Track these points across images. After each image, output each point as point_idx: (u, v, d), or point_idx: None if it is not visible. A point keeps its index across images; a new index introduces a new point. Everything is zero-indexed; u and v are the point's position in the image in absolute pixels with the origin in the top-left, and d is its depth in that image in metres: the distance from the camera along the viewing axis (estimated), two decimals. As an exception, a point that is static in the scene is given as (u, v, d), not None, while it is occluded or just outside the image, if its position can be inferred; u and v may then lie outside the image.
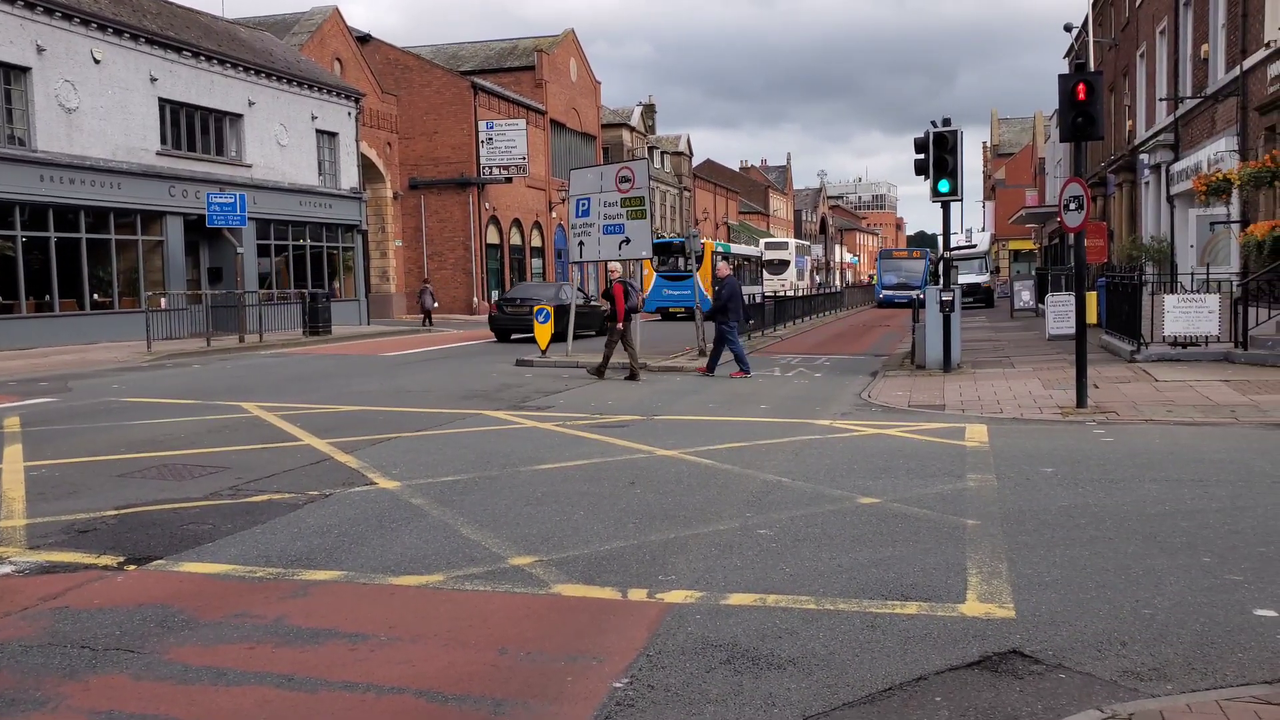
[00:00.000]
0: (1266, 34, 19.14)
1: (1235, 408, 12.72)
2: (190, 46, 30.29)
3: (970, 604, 5.64)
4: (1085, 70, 13.44)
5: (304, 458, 10.31)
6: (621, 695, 4.52)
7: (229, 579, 6.30)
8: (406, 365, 21.63)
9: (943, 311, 18.25)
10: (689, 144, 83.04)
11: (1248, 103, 20.38)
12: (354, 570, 6.41)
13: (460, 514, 7.80)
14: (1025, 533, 7.09)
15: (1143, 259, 26.61)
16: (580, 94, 59.59)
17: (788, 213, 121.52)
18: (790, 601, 5.72)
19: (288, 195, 34.40)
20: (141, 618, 5.58)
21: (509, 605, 5.75)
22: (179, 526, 7.53)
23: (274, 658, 5.01)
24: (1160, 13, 28.09)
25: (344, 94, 37.60)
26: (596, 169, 22.86)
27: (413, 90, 47.52)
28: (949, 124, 17.96)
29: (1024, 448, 10.55)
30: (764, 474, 9.26)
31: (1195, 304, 17.68)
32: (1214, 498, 8.08)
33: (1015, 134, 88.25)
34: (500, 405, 14.50)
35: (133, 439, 11.59)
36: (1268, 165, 17.78)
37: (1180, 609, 5.50)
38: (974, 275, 52.35)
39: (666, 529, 7.31)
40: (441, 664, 4.89)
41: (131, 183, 28.17)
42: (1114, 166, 34.53)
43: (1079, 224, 13.17)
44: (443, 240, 47.75)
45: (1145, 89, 30.89)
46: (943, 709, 4.36)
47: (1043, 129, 66.07)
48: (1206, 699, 4.30)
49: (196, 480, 9.19)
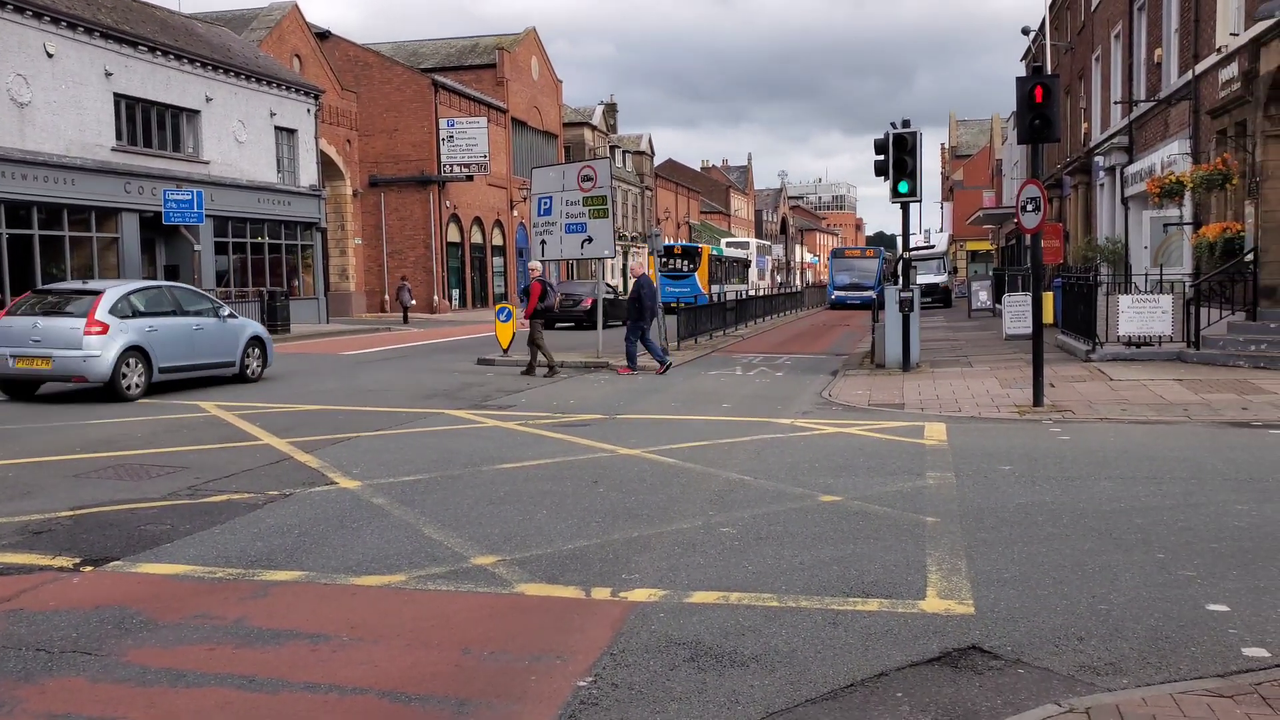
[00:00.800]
0: (1218, 39, 19.47)
1: (1188, 406, 12.94)
2: (146, 41, 29.88)
3: (930, 601, 5.70)
4: (1042, 73, 13.61)
5: (263, 457, 10.22)
6: (585, 694, 4.53)
7: (188, 580, 6.23)
8: (367, 364, 21.49)
9: (902, 311, 18.41)
10: (651, 144, 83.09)
11: (1200, 106, 20.73)
12: (315, 570, 6.37)
13: (422, 513, 7.77)
14: (984, 530, 7.18)
15: (1098, 260, 26.98)
16: (542, 92, 59.45)
17: (749, 213, 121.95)
18: (753, 599, 5.76)
19: (246, 192, 34.04)
20: (99, 619, 5.51)
21: (472, 605, 5.74)
22: (136, 527, 7.44)
23: (235, 659, 4.96)
24: (1115, 17, 28.49)
25: (303, 90, 37.27)
26: (559, 168, 22.83)
27: (373, 87, 47.18)
28: (908, 125, 18.12)
29: (982, 446, 10.67)
30: (726, 472, 9.30)
31: (1149, 304, 17.96)
32: (1167, 495, 8.22)
33: (973, 136, 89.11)
34: (462, 404, 14.44)
35: (88, 439, 11.43)
36: (1219, 168, 18.12)
37: (1135, 604, 5.60)
38: (932, 275, 51.54)
39: (630, 528, 7.32)
40: (404, 664, 4.88)
41: (86, 179, 27.74)
42: (1070, 168, 34.98)
43: (1036, 225, 13.32)
44: (403, 238, 47.46)
45: (1100, 92, 31.32)
46: (904, 705, 4.41)
47: (1000, 131, 66.69)
48: (1161, 692, 4.38)
49: (154, 480, 9.09)
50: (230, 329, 17.26)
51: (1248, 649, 4.95)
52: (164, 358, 15.65)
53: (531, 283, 19.28)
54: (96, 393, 15.08)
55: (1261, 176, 16.91)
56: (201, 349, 16.52)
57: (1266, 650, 4.92)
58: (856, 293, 52.07)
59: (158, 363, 15.51)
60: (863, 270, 54.93)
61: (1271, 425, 11.58)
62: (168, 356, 15.75)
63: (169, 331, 15.88)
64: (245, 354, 17.43)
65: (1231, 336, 17.09)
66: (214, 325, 16.92)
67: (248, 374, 17.46)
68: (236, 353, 17.24)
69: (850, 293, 52.82)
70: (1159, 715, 4.12)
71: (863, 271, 54.78)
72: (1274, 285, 16.89)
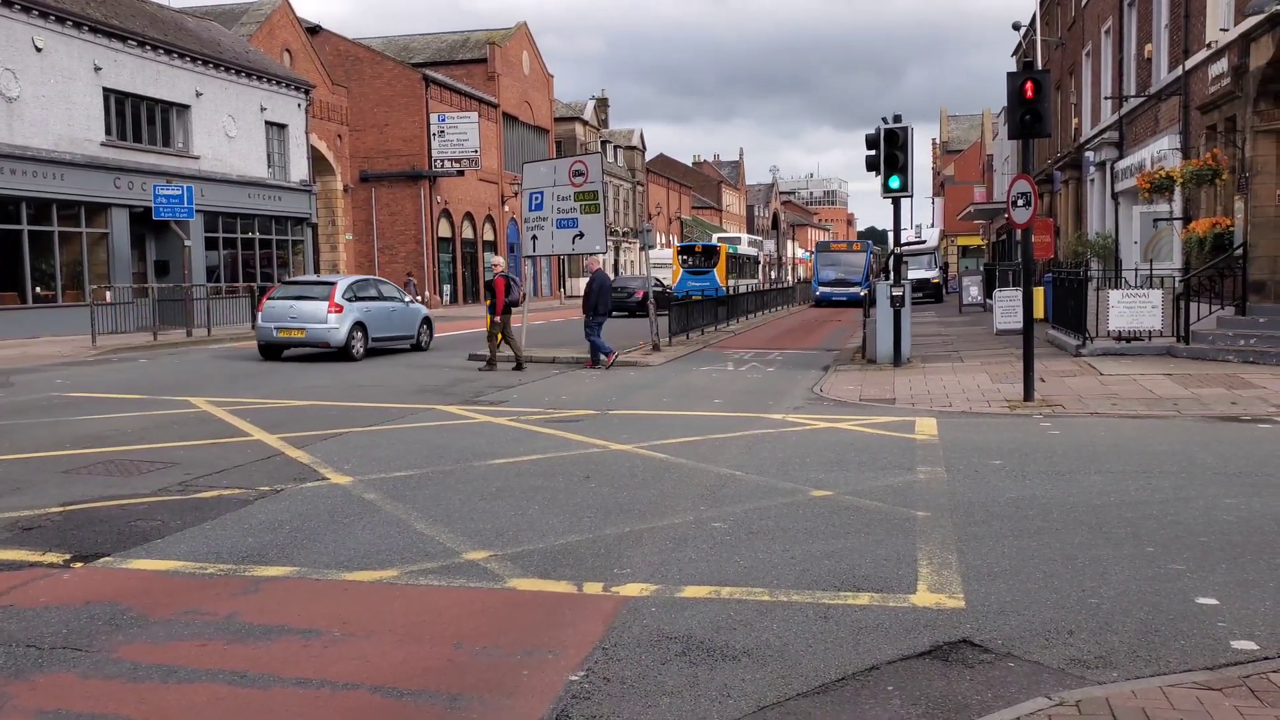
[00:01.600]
0: (1208, 35, 19.53)
1: (1178, 401, 12.99)
2: (136, 35, 29.76)
3: (921, 594, 5.72)
4: (1033, 69, 13.64)
5: (254, 453, 10.20)
6: (577, 688, 4.53)
7: (179, 576, 6.22)
8: (358, 360, 21.42)
9: (893, 307, 18.44)
10: (642, 139, 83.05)
11: (1190, 102, 20.78)
12: (307, 566, 6.37)
13: (414, 509, 7.77)
14: (974, 524, 7.20)
15: (1088, 255, 27.03)
16: (533, 87, 59.37)
17: (740, 208, 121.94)
18: (744, 593, 5.77)
19: (236, 187, 33.94)
20: (89, 616, 5.50)
21: (464, 600, 5.74)
22: (127, 523, 7.42)
23: (226, 655, 4.96)
24: (1105, 13, 28.54)
25: (293, 85, 37.16)
26: (550, 163, 22.81)
27: (363, 82, 47.07)
28: (900, 121, 18.14)
29: (973, 441, 10.70)
30: (718, 468, 9.31)
31: (1139, 299, 18.02)
32: (1157, 489, 8.25)
33: (964, 131, 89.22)
34: (454, 400, 14.43)
35: (78, 434, 11.40)
36: (1209, 164, 18.17)
37: (1125, 598, 5.62)
38: (923, 271, 51.19)
39: (621, 523, 7.33)
40: (396, 660, 4.88)
41: (75, 174, 27.64)
42: (1060, 164, 35.05)
43: (1027, 220, 13.36)
44: (394, 234, 47.39)
45: (1091, 87, 31.38)
46: (894, 698, 4.42)
47: (991, 126, 66.80)
48: (1150, 685, 4.40)
49: (144, 476, 9.06)
50: (412, 311, 23.04)
51: (1236, 642, 4.98)
52: (375, 330, 21.22)
53: (495, 278, 19.48)
54: (328, 356, 20.61)
55: (1251, 172, 16.97)
56: (396, 325, 22.19)
57: (1255, 643, 4.95)
58: (842, 289, 49.38)
59: (371, 334, 21.07)
60: (849, 265, 51.99)
61: (1261, 419, 11.63)
62: (377, 329, 21.35)
63: (377, 311, 21.46)
64: (419, 330, 23.10)
65: (1221, 331, 17.16)
66: (402, 308, 22.60)
67: (421, 345, 23.05)
68: (415, 328, 22.88)
69: (836, 289, 50.01)
70: (1148, 708, 4.14)
71: (849, 266, 51.72)
72: (1263, 280, 16.95)
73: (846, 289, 49.01)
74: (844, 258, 53.23)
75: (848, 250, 55.42)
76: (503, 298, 19.04)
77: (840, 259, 53.08)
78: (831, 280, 50.71)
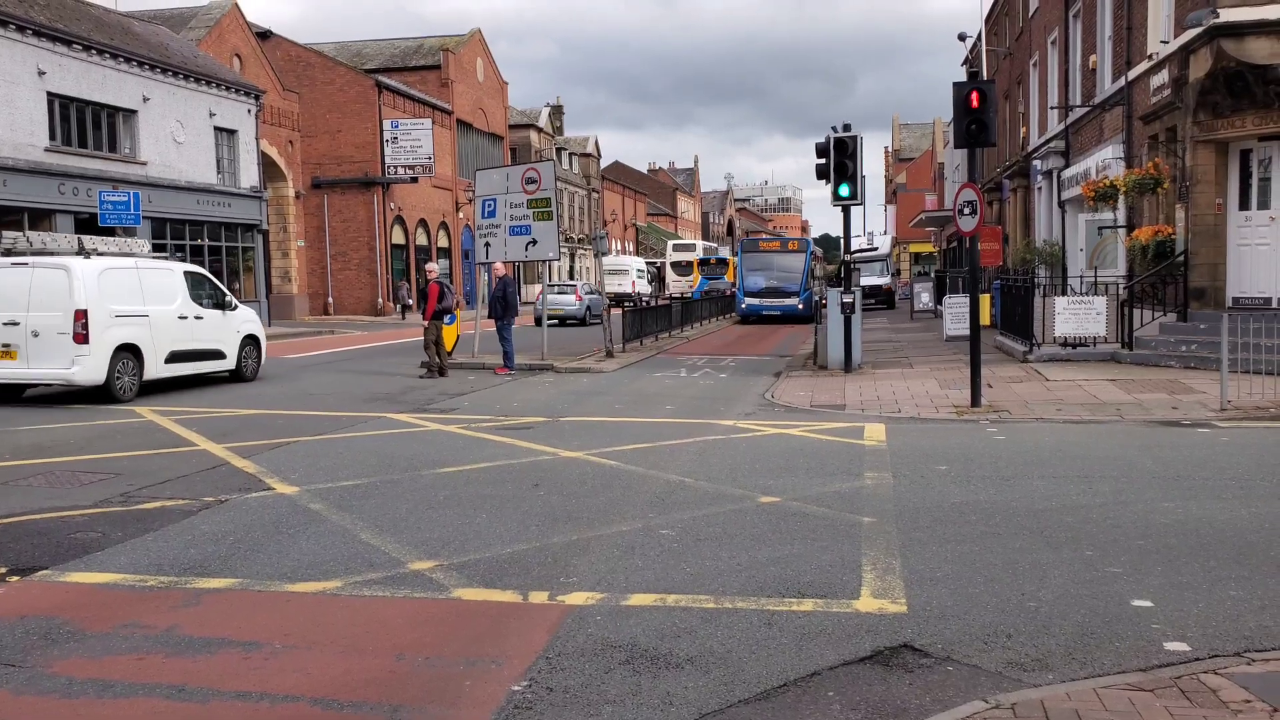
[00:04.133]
0: (1149, 46, 19.90)
1: (1120, 406, 13.21)
2: (81, 39, 29.29)
3: (864, 600, 5.77)
4: (978, 79, 13.83)
5: (199, 463, 10.07)
6: (520, 698, 4.53)
7: (118, 588, 6.13)
8: (308, 368, 21.26)
9: (844, 313, 18.59)
10: (597, 145, 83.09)
11: (1133, 112, 21.16)
12: (249, 578, 6.30)
13: (360, 519, 7.71)
14: (919, 529, 7.28)
15: (1036, 262, 27.44)
16: (487, 94, 59.20)
17: (695, 215, 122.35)
18: (690, 601, 5.79)
19: (185, 194, 33.49)
20: (24, 630, 5.40)
21: (408, 610, 5.71)
22: (66, 535, 7.30)
23: (164, 668, 4.90)
24: (1051, 24, 28.99)
25: (243, 91, 36.75)
26: (503, 170, 22.76)
27: (315, 88, 46.67)
28: (849, 129, 18.31)
29: (920, 446, 10.81)
30: (668, 474, 9.34)
31: (1084, 306, 18.32)
32: (1098, 493, 8.39)
33: (916, 139, 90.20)
34: (404, 408, 14.34)
35: (17, 445, 11.20)
36: (1151, 173, 18.52)
37: (1063, 601, 5.71)
38: (875, 277, 51.01)
39: (569, 531, 7.33)
40: (337, 671, 4.84)
41: (18, 180, 27.12)
42: (1009, 172, 35.53)
43: (973, 228, 13.54)
44: (346, 240, 47.00)
45: (1039, 97, 31.85)
46: (834, 703, 4.46)
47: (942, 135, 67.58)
48: (1085, 687, 4.47)
49: (85, 487, 8.92)
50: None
51: (1169, 643, 5.07)
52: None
53: (430, 284, 19.68)
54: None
55: (1191, 181, 17.31)
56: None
57: (1187, 644, 5.05)
58: (776, 301, 39.65)
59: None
60: (784, 270, 40.96)
61: (1200, 424, 11.86)
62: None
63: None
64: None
65: (1163, 337, 17.47)
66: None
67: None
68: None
69: (767, 300, 39.78)
70: (1082, 710, 4.21)
71: (784, 271, 40.90)
72: (1203, 287, 17.28)
73: (781, 300, 39.69)
74: (778, 260, 41.63)
75: (782, 250, 43.36)
76: (434, 304, 19.13)
77: (773, 261, 41.44)
78: (761, 289, 40.22)
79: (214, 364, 17.33)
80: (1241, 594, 5.77)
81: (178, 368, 16.41)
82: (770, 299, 39.67)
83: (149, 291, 15.93)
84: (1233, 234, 17.26)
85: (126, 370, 15.19)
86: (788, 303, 39.31)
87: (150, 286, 16.03)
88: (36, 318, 14.58)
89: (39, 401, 15.33)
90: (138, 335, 15.40)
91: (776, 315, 39.05)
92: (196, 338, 16.77)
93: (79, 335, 14.48)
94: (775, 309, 39.25)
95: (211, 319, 17.15)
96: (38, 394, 15.91)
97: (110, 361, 14.81)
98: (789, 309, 39.09)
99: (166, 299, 16.27)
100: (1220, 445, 10.58)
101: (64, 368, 14.57)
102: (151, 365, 15.75)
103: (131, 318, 15.36)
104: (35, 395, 15.88)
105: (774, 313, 39.15)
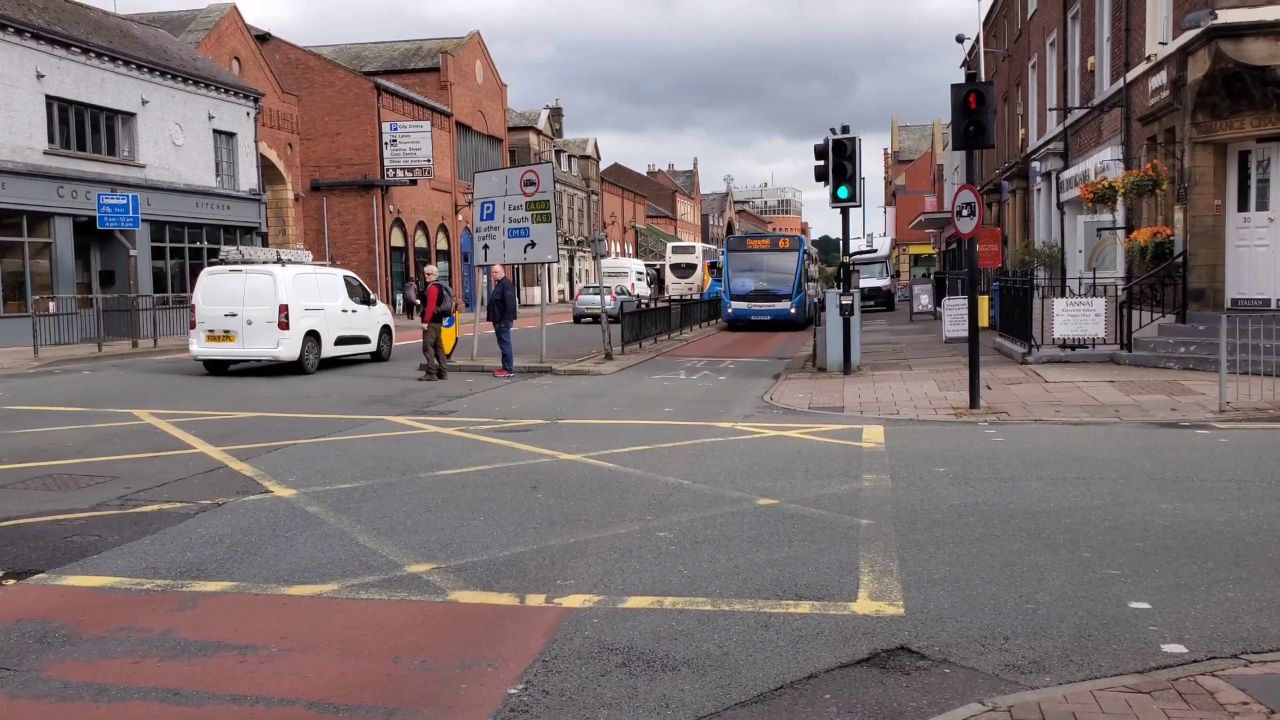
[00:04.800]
0: (1148, 48, 19.90)
1: (1119, 407, 13.20)
2: (79, 42, 29.30)
3: (861, 602, 5.76)
4: (976, 81, 13.83)
5: (197, 466, 10.06)
6: (515, 701, 4.52)
7: (115, 592, 6.12)
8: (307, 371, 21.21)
9: (843, 315, 18.59)
10: (596, 148, 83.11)
11: (1131, 113, 21.16)
12: (246, 581, 6.29)
13: (357, 521, 7.70)
14: (917, 531, 7.27)
15: (1035, 263, 27.43)
16: (486, 96, 59.22)
17: (695, 217, 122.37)
18: (687, 603, 5.78)
19: (183, 196, 33.49)
20: (19, 634, 5.39)
21: (405, 613, 5.70)
22: (63, 538, 7.29)
23: (160, 672, 4.89)
24: (1050, 25, 29.00)
25: (242, 93, 36.76)
26: (501, 172, 22.76)
27: (314, 90, 46.69)
28: (848, 131, 18.31)
29: (918, 448, 10.80)
30: (666, 477, 9.33)
31: (1083, 307, 18.31)
32: (1096, 495, 8.38)
33: (915, 141, 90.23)
34: (403, 410, 14.33)
35: (15, 448, 11.18)
36: (1149, 174, 18.51)
37: (1061, 603, 5.70)
38: (875, 279, 50.94)
39: (567, 533, 7.32)
40: (334, 674, 4.83)
41: (16, 182, 27.12)
42: (1009, 173, 35.53)
43: (971, 230, 13.53)
44: (346, 243, 46.99)
45: (1038, 98, 31.86)
46: (831, 706, 4.45)
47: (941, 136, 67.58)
48: (1081, 690, 4.47)
49: (83, 490, 8.91)
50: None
51: (1167, 645, 5.06)
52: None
53: (429, 287, 19.70)
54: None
55: (1189, 182, 17.31)
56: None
57: (1184, 646, 5.04)
58: (765, 305, 36.30)
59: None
60: (774, 270, 37.36)
61: (1199, 425, 11.85)
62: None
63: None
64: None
65: (1162, 339, 17.47)
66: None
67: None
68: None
69: (756, 304, 36.36)
70: (1079, 712, 4.20)
71: (774, 272, 37.31)
72: (1202, 288, 17.28)
73: (771, 304, 36.33)
74: (767, 259, 37.83)
75: (772, 248, 39.07)
76: (433, 307, 19.19)
77: (762, 261, 37.77)
78: (749, 292, 36.85)
79: (363, 347, 22.06)
80: (1239, 596, 5.77)
81: (341, 349, 21.12)
82: (759, 303, 36.23)
83: (323, 290, 20.67)
84: (1231, 235, 17.27)
85: (312, 350, 19.93)
86: (778, 307, 36.11)
87: (323, 287, 20.79)
88: (250, 310, 19.17)
89: (248, 373, 20.02)
90: (318, 323, 20.16)
91: (766, 321, 35.95)
92: (353, 326, 21.58)
93: (282, 324, 19.15)
94: (765, 314, 35.92)
95: (361, 312, 21.96)
96: (242, 368, 20.53)
97: (302, 343, 19.59)
98: (780, 314, 36.00)
99: (334, 296, 20.98)
100: (1219, 447, 10.57)
101: (271, 348, 19.23)
102: (326, 346, 20.45)
103: (313, 310, 20.09)
104: (241, 369, 20.49)
105: (763, 318, 35.86)
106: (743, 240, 42.38)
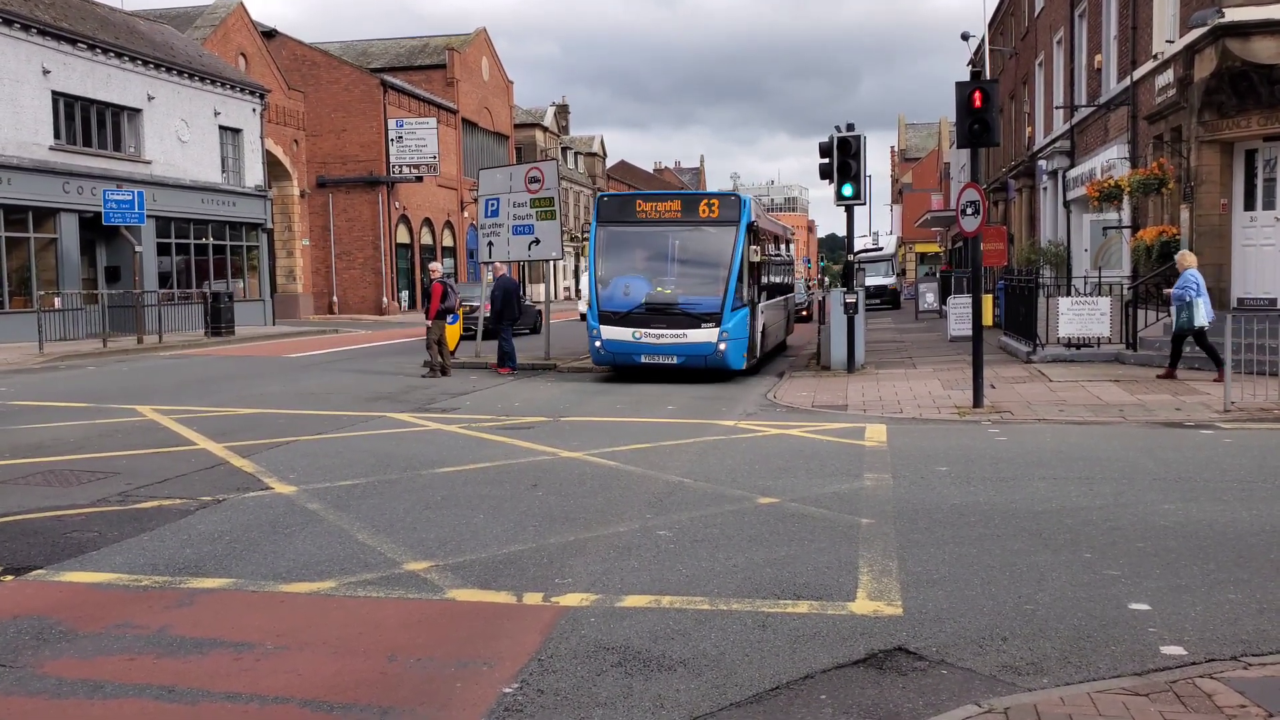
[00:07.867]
0: (1155, 46, 19.82)
1: (1123, 407, 13.15)
2: (86, 38, 29.33)
3: (860, 602, 5.74)
4: (981, 79, 13.78)
5: (199, 462, 10.06)
6: (510, 700, 4.50)
7: (112, 588, 6.12)
8: (311, 367, 21.25)
9: (847, 314, 18.53)
10: (603, 145, 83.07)
11: (1137, 112, 21.08)
12: (244, 578, 6.29)
13: (357, 519, 7.70)
14: (917, 531, 7.24)
15: (1040, 262, 27.35)
16: (492, 93, 59.19)
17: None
18: (685, 602, 5.76)
19: (189, 193, 33.51)
20: (16, 630, 5.39)
21: (401, 611, 5.69)
22: (62, 534, 7.29)
23: (155, 669, 4.88)
24: (1057, 23, 28.91)
25: (248, 90, 36.78)
26: (506, 169, 22.72)
27: (320, 87, 46.70)
28: (852, 129, 18.26)
29: (921, 447, 10.77)
30: (667, 475, 9.31)
31: (1088, 306, 18.25)
32: (1098, 495, 8.34)
33: (922, 139, 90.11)
34: (406, 407, 14.33)
35: (17, 444, 11.20)
36: (1155, 173, 18.43)
37: (1060, 604, 5.67)
38: (881, 277, 51.00)
39: (566, 531, 7.30)
40: (329, 673, 4.82)
41: (22, 178, 27.15)
42: (1015, 172, 35.43)
43: (975, 228, 13.49)
44: (351, 239, 47.04)
45: (1044, 97, 31.76)
46: (827, 707, 4.43)
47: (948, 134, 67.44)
48: (1079, 692, 4.44)
49: (84, 486, 8.92)
50: None
51: (1166, 647, 5.04)
52: None
53: (433, 284, 19.53)
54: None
55: (1196, 181, 17.23)
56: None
57: (1183, 648, 5.01)
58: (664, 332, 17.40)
59: None
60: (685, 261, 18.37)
61: (1203, 425, 11.80)
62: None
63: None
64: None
65: (1167, 338, 17.37)
66: None
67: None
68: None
69: (645, 332, 17.47)
70: (1075, 715, 4.18)
71: (685, 265, 18.36)
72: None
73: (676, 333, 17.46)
74: (674, 239, 18.45)
75: (683, 220, 18.41)
76: (437, 304, 19.08)
77: (664, 243, 18.52)
78: (631, 308, 17.79)
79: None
80: (1240, 597, 5.73)
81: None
82: (653, 328, 17.56)
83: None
84: (1238, 234, 17.19)
85: None
86: (691, 339, 17.47)
87: None
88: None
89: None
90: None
91: (670, 367, 17.61)
92: None
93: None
94: (664, 351, 17.55)
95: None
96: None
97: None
98: (694, 352, 17.51)
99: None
100: (1223, 447, 10.52)
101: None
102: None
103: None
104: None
105: (663, 358, 17.54)
106: (625, 203, 19.33)
